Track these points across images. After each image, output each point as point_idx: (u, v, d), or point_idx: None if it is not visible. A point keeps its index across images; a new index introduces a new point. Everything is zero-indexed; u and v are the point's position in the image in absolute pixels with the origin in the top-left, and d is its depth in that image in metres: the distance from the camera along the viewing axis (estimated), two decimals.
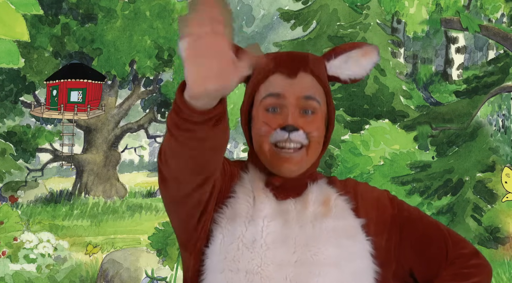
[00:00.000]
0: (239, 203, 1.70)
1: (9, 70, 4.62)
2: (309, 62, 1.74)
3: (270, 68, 1.72)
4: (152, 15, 4.67)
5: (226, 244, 1.66)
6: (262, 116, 1.70)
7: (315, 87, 1.72)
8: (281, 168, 1.69)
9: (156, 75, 4.76)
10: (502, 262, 4.59)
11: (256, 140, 1.71)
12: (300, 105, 1.69)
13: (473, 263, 1.80)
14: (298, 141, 1.67)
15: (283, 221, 1.68)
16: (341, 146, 4.65)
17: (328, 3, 4.69)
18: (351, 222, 1.71)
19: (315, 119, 1.70)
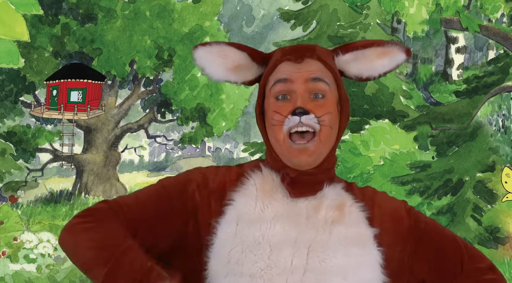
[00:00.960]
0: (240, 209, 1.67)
1: (9, 70, 4.62)
2: (315, 50, 1.72)
3: (278, 58, 1.71)
4: (152, 15, 4.67)
5: (228, 248, 1.64)
6: (272, 105, 1.68)
7: (323, 71, 1.69)
8: (297, 160, 1.65)
9: (156, 75, 4.76)
10: (502, 262, 4.59)
11: (271, 131, 1.69)
12: (309, 89, 1.66)
13: (488, 278, 1.77)
14: (309, 124, 1.64)
15: (291, 223, 1.64)
16: (341, 146, 4.65)
17: (328, 3, 4.69)
18: (364, 230, 1.67)
19: (326, 103, 1.67)
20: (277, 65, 1.70)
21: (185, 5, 4.71)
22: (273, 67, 1.71)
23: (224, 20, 4.74)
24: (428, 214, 4.59)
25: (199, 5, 4.71)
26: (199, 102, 4.73)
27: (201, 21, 4.72)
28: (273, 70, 1.71)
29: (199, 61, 1.70)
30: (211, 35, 4.71)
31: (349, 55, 1.72)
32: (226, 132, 4.76)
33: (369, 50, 1.71)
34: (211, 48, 1.70)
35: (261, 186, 1.69)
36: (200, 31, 4.71)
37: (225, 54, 1.70)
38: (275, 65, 1.71)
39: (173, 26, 4.70)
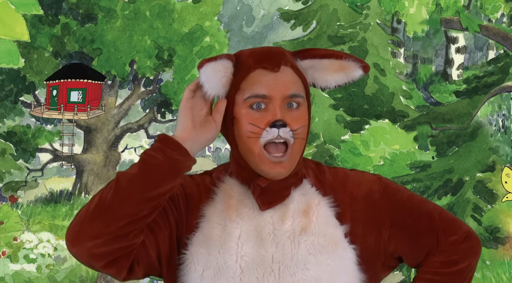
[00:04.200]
0: (209, 227, 1.66)
1: (9, 70, 4.62)
2: (286, 55, 1.69)
3: (250, 64, 1.67)
4: (152, 15, 4.67)
5: (200, 271, 1.63)
6: (247, 116, 1.64)
7: (297, 82, 1.67)
8: (272, 172, 1.64)
9: (156, 75, 4.76)
10: (502, 262, 4.59)
11: (244, 143, 1.66)
12: (285, 102, 1.65)
13: (462, 247, 1.78)
14: (285, 138, 1.62)
15: (259, 241, 1.63)
16: (341, 146, 4.65)
17: (328, 3, 4.69)
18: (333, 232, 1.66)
19: (301, 114, 1.66)
20: (250, 72, 1.66)
21: (185, 5, 4.71)
22: (246, 73, 1.66)
23: (224, 20, 4.74)
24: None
25: (199, 5, 4.71)
26: None
27: (201, 21, 4.71)
28: (245, 77, 1.66)
29: (204, 78, 1.64)
30: (211, 35, 4.72)
31: (307, 62, 1.70)
32: None
33: (326, 61, 1.69)
34: (217, 64, 1.65)
35: (227, 201, 1.68)
36: (200, 31, 4.71)
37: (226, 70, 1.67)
38: (247, 71, 1.66)
39: (173, 26, 4.70)
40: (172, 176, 1.61)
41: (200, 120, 1.66)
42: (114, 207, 1.58)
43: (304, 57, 1.70)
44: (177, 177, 1.62)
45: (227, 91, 1.68)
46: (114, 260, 1.60)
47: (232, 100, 1.67)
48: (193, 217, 1.69)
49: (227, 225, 1.65)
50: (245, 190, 1.69)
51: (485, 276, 4.58)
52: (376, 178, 1.78)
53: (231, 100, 1.67)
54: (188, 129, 1.65)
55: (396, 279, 4.52)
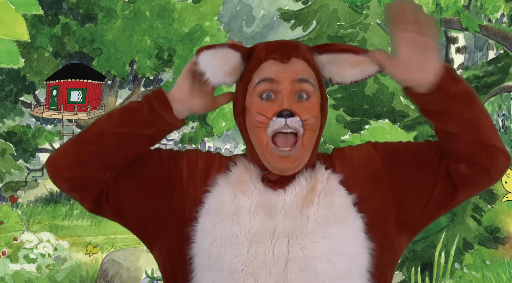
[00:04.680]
0: (219, 196, 1.67)
1: (9, 70, 4.62)
2: (300, 48, 1.70)
3: (262, 56, 1.68)
4: (152, 15, 4.68)
5: (208, 242, 1.64)
6: (256, 106, 1.66)
7: (308, 72, 1.68)
8: (279, 166, 1.65)
9: (156, 75, 4.76)
10: (502, 262, 4.59)
11: (253, 133, 1.68)
12: (294, 89, 1.65)
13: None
14: (294, 127, 1.62)
15: (269, 214, 1.64)
16: (341, 146, 4.65)
17: (328, 3, 4.69)
18: (342, 202, 1.66)
19: (311, 105, 1.66)
20: (262, 63, 1.68)
21: (185, 5, 4.71)
22: (257, 64, 1.68)
23: (224, 20, 4.74)
24: None
25: (199, 5, 4.71)
26: None
27: (201, 21, 4.72)
28: (257, 68, 1.68)
29: (202, 65, 1.65)
30: (211, 35, 4.72)
31: (324, 57, 1.70)
32: (226, 132, 4.76)
33: (343, 56, 1.69)
34: (216, 52, 1.67)
35: (239, 176, 1.69)
36: (200, 31, 4.72)
37: (228, 58, 1.67)
38: (259, 62, 1.68)
39: (173, 26, 4.70)
40: (148, 125, 1.66)
41: (200, 89, 1.69)
42: (86, 133, 1.67)
43: (322, 51, 1.71)
44: (152, 128, 1.67)
45: (238, 80, 1.70)
46: (77, 185, 1.68)
47: (244, 90, 1.69)
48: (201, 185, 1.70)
49: (238, 196, 1.66)
50: (259, 172, 1.70)
51: (485, 276, 4.58)
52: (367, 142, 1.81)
53: (243, 90, 1.69)
54: (183, 90, 1.68)
55: (396, 279, 4.52)
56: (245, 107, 1.69)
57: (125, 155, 1.68)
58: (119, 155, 1.67)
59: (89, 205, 1.72)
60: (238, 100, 1.71)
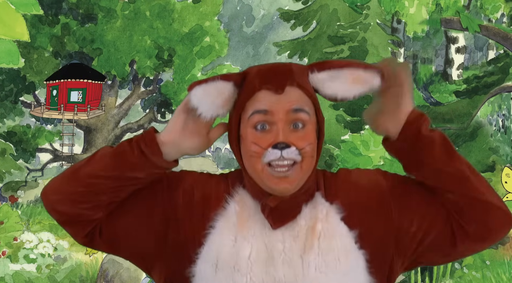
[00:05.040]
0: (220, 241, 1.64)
1: (9, 70, 4.62)
2: (294, 74, 1.65)
3: (255, 85, 1.64)
4: (152, 15, 4.67)
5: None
6: (251, 136, 1.63)
7: (303, 99, 1.64)
8: (277, 188, 1.62)
9: (156, 75, 4.76)
10: (502, 262, 4.59)
11: (248, 161, 1.65)
12: (289, 119, 1.62)
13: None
14: (291, 158, 1.59)
15: (270, 260, 1.61)
16: (341, 146, 4.65)
17: (328, 3, 4.69)
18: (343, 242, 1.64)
19: (307, 133, 1.63)
20: (255, 92, 1.64)
21: (185, 5, 4.71)
22: (251, 94, 1.64)
23: (224, 20, 4.74)
24: None
25: (199, 5, 4.71)
26: None
27: (201, 21, 4.72)
28: (250, 97, 1.64)
29: (195, 101, 1.62)
30: (211, 35, 4.72)
31: (324, 74, 1.67)
32: None
33: (344, 71, 1.65)
34: (208, 86, 1.63)
35: (240, 215, 1.66)
36: (200, 31, 4.72)
37: (221, 91, 1.64)
38: (252, 91, 1.64)
39: (173, 26, 4.70)
40: (138, 169, 1.65)
41: (193, 128, 1.67)
42: (79, 171, 1.66)
43: (322, 68, 1.67)
44: (142, 172, 1.66)
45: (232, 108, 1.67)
46: (69, 221, 1.68)
47: (238, 118, 1.66)
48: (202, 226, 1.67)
49: (238, 241, 1.63)
50: (256, 204, 1.67)
51: (485, 276, 4.58)
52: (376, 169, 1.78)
53: (237, 118, 1.66)
54: (174, 131, 1.67)
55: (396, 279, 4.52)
56: (240, 136, 1.66)
57: (117, 195, 1.67)
58: (110, 196, 1.66)
59: (81, 239, 1.71)
60: (232, 129, 1.68)
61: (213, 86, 1.64)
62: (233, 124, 1.67)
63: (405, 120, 1.67)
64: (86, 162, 1.67)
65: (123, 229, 1.70)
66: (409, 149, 1.67)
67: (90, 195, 1.64)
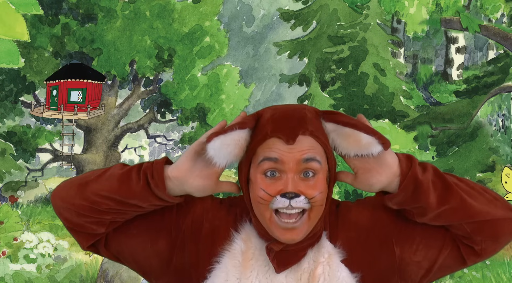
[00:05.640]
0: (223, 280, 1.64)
1: (9, 70, 4.62)
2: (307, 123, 1.64)
3: (267, 132, 1.64)
4: (152, 15, 4.67)
5: None
6: (260, 181, 1.62)
7: (315, 148, 1.63)
8: (284, 238, 1.62)
9: (156, 75, 4.76)
10: (502, 262, 4.59)
11: (256, 206, 1.65)
12: (300, 169, 1.61)
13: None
14: (300, 207, 1.59)
15: None
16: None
17: (328, 3, 4.69)
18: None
19: (317, 182, 1.62)
20: (266, 139, 1.63)
21: (185, 5, 4.71)
22: (262, 139, 1.64)
23: (224, 20, 4.74)
24: None
25: (199, 5, 4.71)
26: (199, 102, 4.73)
27: (201, 21, 4.71)
28: (262, 143, 1.64)
29: (212, 153, 1.60)
30: (211, 35, 4.72)
31: (330, 125, 1.67)
32: None
33: (348, 129, 1.65)
34: (226, 138, 1.61)
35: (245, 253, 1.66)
36: (200, 31, 4.71)
37: (239, 142, 1.64)
38: (264, 138, 1.64)
39: (173, 26, 4.70)
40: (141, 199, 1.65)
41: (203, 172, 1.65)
42: (87, 186, 1.66)
43: (329, 119, 1.67)
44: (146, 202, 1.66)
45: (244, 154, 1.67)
46: (73, 229, 1.70)
47: (249, 162, 1.66)
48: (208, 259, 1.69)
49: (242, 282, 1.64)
50: (262, 243, 1.68)
51: (485, 276, 4.58)
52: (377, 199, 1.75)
53: (248, 161, 1.66)
54: (182, 169, 1.64)
55: None
56: (249, 179, 1.66)
57: (120, 217, 1.68)
58: (114, 216, 1.67)
59: (85, 248, 1.74)
60: (242, 171, 1.67)
61: (230, 138, 1.62)
62: (244, 167, 1.66)
63: (399, 171, 1.64)
64: (96, 178, 1.67)
65: (128, 248, 1.72)
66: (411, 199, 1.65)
67: (94, 212, 1.65)
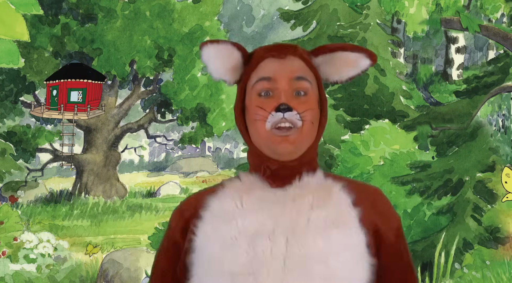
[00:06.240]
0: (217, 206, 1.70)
1: (9, 70, 4.62)
2: (297, 48, 1.76)
3: (260, 55, 1.74)
4: (152, 15, 4.67)
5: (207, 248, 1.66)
6: (255, 101, 1.70)
7: (305, 69, 1.73)
8: (278, 148, 1.68)
9: (156, 75, 4.76)
10: (502, 262, 4.59)
11: (253, 127, 1.71)
12: (292, 87, 1.70)
13: None
14: (292, 121, 1.67)
15: (267, 213, 1.66)
16: (341, 146, 4.65)
17: (328, 3, 4.69)
18: (346, 211, 1.68)
19: (308, 100, 1.70)
20: (260, 62, 1.73)
21: (185, 5, 4.71)
22: (256, 64, 1.73)
23: (224, 20, 4.74)
24: (428, 214, 4.60)
25: (199, 5, 4.71)
26: (199, 102, 4.73)
27: (201, 21, 4.72)
28: (255, 67, 1.73)
29: (205, 57, 1.73)
30: (211, 35, 4.72)
31: (320, 58, 1.77)
32: (226, 132, 4.76)
33: (336, 54, 1.76)
34: (219, 46, 1.73)
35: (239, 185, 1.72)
36: (200, 31, 4.72)
37: (230, 53, 1.74)
38: (257, 62, 1.73)
39: (173, 26, 4.70)
40: None
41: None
42: None
43: (317, 53, 1.77)
44: None
45: (238, 82, 1.76)
46: None
47: (243, 90, 1.74)
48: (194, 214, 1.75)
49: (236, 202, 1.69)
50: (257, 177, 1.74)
51: (485, 276, 4.58)
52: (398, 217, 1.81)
53: (242, 90, 1.75)
54: None
55: None
56: (245, 107, 1.73)
57: None
58: None
59: None
60: (237, 101, 1.74)
61: (224, 47, 1.74)
62: (239, 96, 1.75)
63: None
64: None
65: None
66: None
67: None
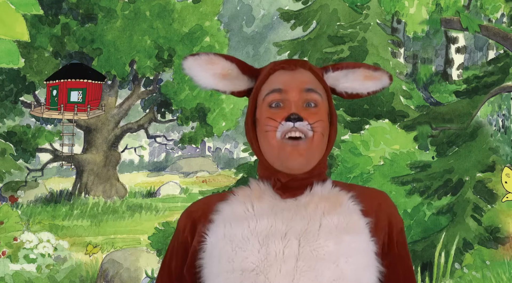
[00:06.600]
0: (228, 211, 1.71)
1: (9, 70, 4.62)
2: (307, 63, 1.79)
3: (271, 67, 1.77)
4: (152, 15, 4.67)
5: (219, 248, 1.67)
6: (266, 112, 1.72)
7: (315, 82, 1.76)
8: (289, 159, 1.69)
9: (156, 75, 4.76)
10: (502, 262, 4.59)
11: (264, 138, 1.73)
12: (302, 98, 1.72)
13: None
14: (303, 130, 1.68)
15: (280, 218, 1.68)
16: (341, 146, 4.65)
17: (328, 3, 4.69)
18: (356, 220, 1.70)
19: (318, 111, 1.72)
20: (270, 75, 1.76)
21: (185, 5, 4.71)
22: (266, 76, 1.76)
23: (224, 20, 4.74)
24: (428, 214, 4.59)
25: (199, 5, 4.71)
26: (199, 102, 4.73)
27: (201, 21, 4.72)
28: (266, 80, 1.76)
29: (187, 70, 1.82)
30: (211, 35, 4.72)
31: (339, 72, 1.80)
32: (226, 132, 4.76)
33: (359, 70, 1.81)
34: (199, 57, 1.81)
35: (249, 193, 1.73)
36: (200, 31, 4.71)
37: (213, 62, 1.78)
38: (268, 74, 1.76)
39: (173, 26, 4.70)
40: None
41: None
42: None
43: (336, 68, 1.81)
44: None
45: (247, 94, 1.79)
46: None
47: (254, 103, 1.77)
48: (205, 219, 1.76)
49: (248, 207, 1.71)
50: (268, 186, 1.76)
51: (485, 276, 4.58)
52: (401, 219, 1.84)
53: (253, 103, 1.77)
54: None
55: None
56: (256, 120, 1.76)
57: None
58: None
59: None
60: (248, 114, 1.77)
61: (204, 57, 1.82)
62: (250, 110, 1.77)
63: None
64: None
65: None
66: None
67: None
